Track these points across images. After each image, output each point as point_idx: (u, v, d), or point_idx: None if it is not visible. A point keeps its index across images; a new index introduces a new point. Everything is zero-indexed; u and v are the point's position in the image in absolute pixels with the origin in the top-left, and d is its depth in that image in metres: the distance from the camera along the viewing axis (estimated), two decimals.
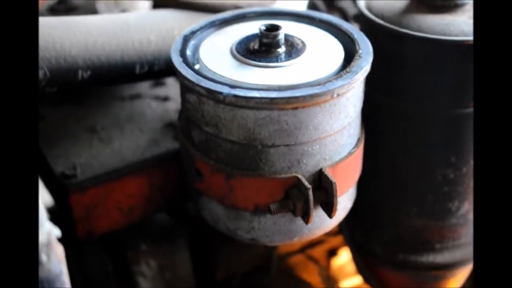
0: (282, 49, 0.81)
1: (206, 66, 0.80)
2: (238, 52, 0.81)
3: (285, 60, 0.79)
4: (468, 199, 0.98)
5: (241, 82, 0.76)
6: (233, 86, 0.74)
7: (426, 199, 0.98)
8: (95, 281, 1.01)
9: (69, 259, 0.98)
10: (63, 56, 0.86)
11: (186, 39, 0.85)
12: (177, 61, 0.79)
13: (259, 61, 0.79)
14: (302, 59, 0.80)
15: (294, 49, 0.82)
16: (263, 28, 0.80)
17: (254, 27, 0.85)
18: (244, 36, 0.85)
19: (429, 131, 0.93)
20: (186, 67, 0.78)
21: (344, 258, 1.33)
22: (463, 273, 1.09)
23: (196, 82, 0.75)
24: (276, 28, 0.80)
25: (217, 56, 0.82)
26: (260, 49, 0.81)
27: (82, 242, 0.98)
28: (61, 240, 0.59)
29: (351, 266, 1.27)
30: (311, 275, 1.28)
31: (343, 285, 1.32)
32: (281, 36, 0.81)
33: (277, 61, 0.79)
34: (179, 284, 1.04)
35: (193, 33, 0.86)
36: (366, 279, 1.12)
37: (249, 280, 1.13)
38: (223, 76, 0.77)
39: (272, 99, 0.72)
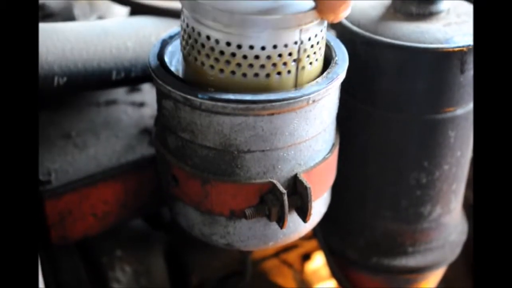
0: None
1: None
2: None
3: None
4: (440, 203, 1.00)
5: None
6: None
7: (400, 203, 0.99)
8: (69, 287, 1.01)
9: (43, 264, 0.98)
10: (40, 63, 0.86)
11: (164, 44, 0.84)
12: (155, 66, 0.79)
13: None
14: None
15: None
16: None
17: None
18: None
19: (404, 136, 0.94)
20: (164, 71, 0.78)
21: (318, 262, 1.34)
22: (436, 276, 1.11)
23: (172, 89, 0.75)
24: None
25: None
26: None
27: (56, 248, 0.97)
28: (35, 245, 0.60)
29: (325, 270, 1.28)
30: (286, 279, 1.29)
31: None
32: None
33: None
34: None
35: (171, 38, 0.86)
36: (340, 283, 1.13)
37: (224, 285, 1.13)
38: None
39: (248, 105, 0.73)
